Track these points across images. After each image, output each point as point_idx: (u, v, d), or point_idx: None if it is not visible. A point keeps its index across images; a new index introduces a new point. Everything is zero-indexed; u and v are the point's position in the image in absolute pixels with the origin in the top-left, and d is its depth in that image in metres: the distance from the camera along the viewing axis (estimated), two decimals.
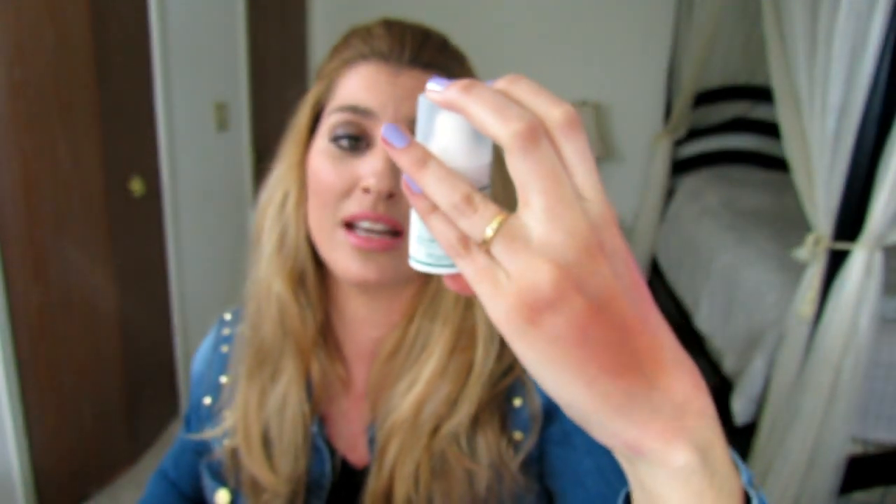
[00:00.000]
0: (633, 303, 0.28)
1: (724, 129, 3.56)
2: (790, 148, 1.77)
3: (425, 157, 0.29)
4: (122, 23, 1.98)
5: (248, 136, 2.76)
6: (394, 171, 0.53)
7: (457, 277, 0.32)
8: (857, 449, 1.73)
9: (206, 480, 0.69)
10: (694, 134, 3.51)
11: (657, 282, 3.42)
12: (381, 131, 0.30)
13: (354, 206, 0.54)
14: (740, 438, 1.96)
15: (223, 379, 0.69)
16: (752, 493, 0.30)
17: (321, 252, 0.58)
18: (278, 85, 3.15)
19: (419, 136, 0.32)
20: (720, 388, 2.19)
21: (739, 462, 0.32)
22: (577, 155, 0.28)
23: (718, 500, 0.28)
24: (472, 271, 0.28)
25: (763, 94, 3.35)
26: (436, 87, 0.29)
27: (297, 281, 0.60)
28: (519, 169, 0.27)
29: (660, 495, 0.29)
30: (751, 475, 0.32)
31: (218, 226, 2.64)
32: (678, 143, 3.50)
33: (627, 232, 3.66)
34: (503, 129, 0.27)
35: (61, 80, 1.73)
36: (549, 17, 3.46)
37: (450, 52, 0.59)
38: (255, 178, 2.85)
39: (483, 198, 0.29)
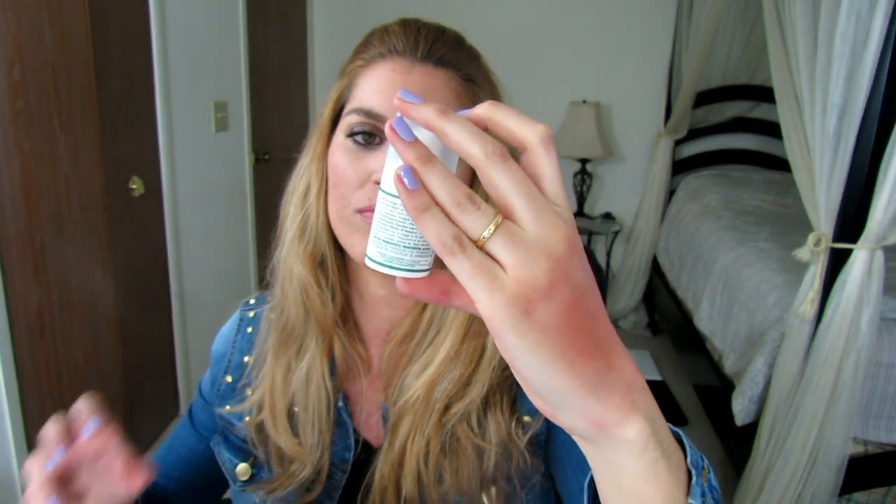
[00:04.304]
0: (595, 295, 0.31)
1: (725, 129, 3.56)
2: (791, 148, 1.77)
3: (430, 155, 0.31)
4: (122, 23, 1.98)
5: (247, 136, 2.76)
6: None
7: (410, 281, 0.33)
8: (858, 449, 1.73)
9: (224, 456, 0.71)
10: (694, 134, 3.51)
11: (658, 282, 3.41)
12: (390, 124, 0.32)
13: (368, 197, 0.58)
14: (741, 439, 1.96)
15: (246, 359, 0.73)
16: (693, 471, 0.35)
17: (340, 238, 0.62)
18: (278, 85, 3.15)
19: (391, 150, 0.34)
20: (721, 388, 2.18)
21: (687, 440, 0.37)
22: (551, 165, 0.31)
23: (669, 469, 0.34)
24: (469, 267, 0.29)
25: (764, 94, 3.35)
26: (408, 98, 0.32)
27: (318, 264, 0.65)
28: (498, 179, 0.30)
29: (622, 467, 0.33)
30: (698, 456, 0.37)
31: (217, 225, 2.64)
32: (678, 143, 3.50)
33: (627, 232, 3.66)
34: (480, 148, 0.30)
35: (61, 80, 1.73)
36: (549, 18, 3.46)
37: (464, 49, 0.62)
38: (254, 178, 2.84)
39: (481, 198, 0.30)
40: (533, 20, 3.46)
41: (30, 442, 1.75)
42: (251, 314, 0.76)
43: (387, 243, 0.33)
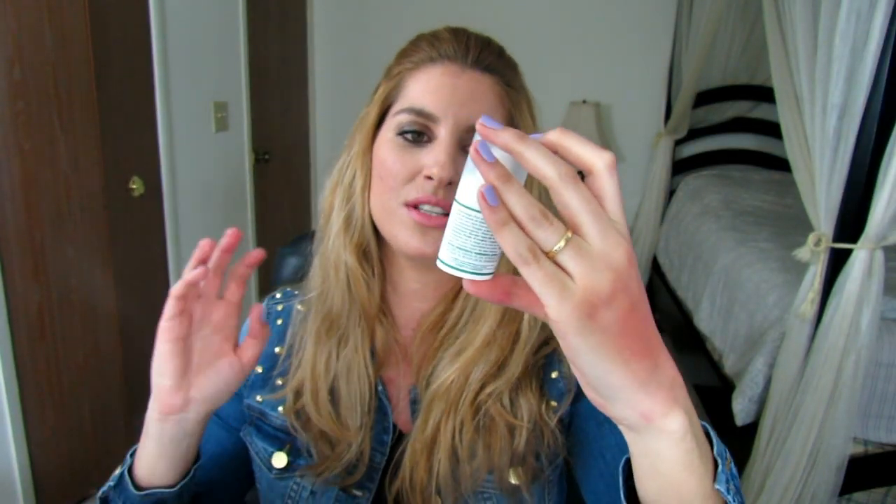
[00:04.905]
0: (646, 303, 0.35)
1: (725, 129, 3.56)
2: (791, 148, 1.77)
3: (509, 175, 0.34)
4: (122, 23, 1.98)
5: (247, 136, 2.76)
6: (453, 163, 0.60)
7: (477, 283, 0.37)
8: (858, 449, 1.73)
9: (258, 445, 0.72)
10: (694, 134, 3.51)
11: (658, 282, 3.41)
12: (475, 146, 0.35)
13: (417, 190, 0.61)
14: (741, 439, 1.96)
15: (277, 349, 0.75)
16: (719, 460, 0.41)
17: (383, 229, 0.65)
18: (278, 85, 3.15)
19: (469, 162, 0.37)
20: (721, 388, 2.18)
21: (713, 433, 0.42)
22: (614, 188, 0.35)
23: (700, 458, 0.39)
24: (542, 276, 0.33)
25: (763, 94, 3.35)
26: (488, 124, 0.35)
27: (363, 253, 0.68)
28: (569, 198, 0.33)
29: (661, 454, 0.38)
30: (723, 448, 0.42)
31: (217, 225, 2.63)
32: (678, 143, 3.49)
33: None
34: (554, 171, 0.33)
35: (61, 80, 1.73)
36: (549, 18, 3.46)
37: (505, 59, 0.67)
38: (254, 178, 2.84)
39: (553, 215, 0.34)
40: (532, 20, 3.46)
41: (30, 441, 1.75)
42: (279, 307, 0.78)
43: (459, 249, 0.37)
